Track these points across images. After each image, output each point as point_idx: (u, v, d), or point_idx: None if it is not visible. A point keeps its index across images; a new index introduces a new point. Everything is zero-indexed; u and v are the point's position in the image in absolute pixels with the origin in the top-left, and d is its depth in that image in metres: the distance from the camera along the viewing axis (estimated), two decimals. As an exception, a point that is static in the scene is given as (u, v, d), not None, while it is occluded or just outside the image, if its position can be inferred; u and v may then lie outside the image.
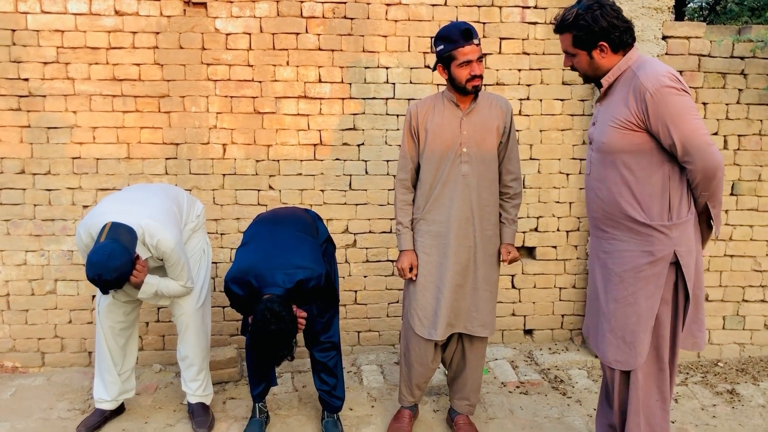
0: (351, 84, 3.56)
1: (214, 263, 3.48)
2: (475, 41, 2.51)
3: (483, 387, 3.23)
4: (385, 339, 3.81)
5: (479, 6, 3.57)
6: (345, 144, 3.61)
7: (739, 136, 3.61)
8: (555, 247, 3.81)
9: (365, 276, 3.74)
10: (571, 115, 3.70)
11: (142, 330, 3.57)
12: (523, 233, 3.76)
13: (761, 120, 3.60)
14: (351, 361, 3.67)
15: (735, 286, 3.72)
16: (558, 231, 3.79)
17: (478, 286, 2.69)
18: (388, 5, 3.52)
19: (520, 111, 3.66)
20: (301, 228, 2.75)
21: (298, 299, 2.52)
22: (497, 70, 3.63)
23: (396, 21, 3.54)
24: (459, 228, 2.64)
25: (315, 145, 3.60)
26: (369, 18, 3.52)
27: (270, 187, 3.61)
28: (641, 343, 2.19)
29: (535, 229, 3.78)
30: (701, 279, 2.23)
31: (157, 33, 3.42)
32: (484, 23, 3.58)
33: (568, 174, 3.75)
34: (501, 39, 3.61)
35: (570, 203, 3.78)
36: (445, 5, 3.55)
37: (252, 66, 3.49)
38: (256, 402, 2.92)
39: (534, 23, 3.61)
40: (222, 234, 3.61)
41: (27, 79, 3.38)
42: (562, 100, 3.69)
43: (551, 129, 3.71)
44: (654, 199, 2.13)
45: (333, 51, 3.53)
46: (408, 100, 3.59)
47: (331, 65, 3.54)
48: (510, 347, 3.85)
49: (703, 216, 2.22)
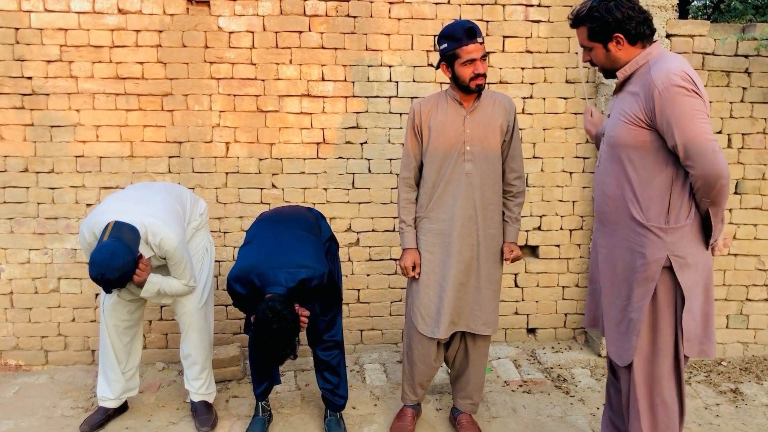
0: (354, 82, 3.56)
1: (216, 262, 3.48)
2: (479, 40, 2.50)
3: (486, 386, 3.22)
4: (388, 337, 3.81)
5: (482, 4, 3.56)
6: (348, 142, 3.61)
7: (743, 134, 3.60)
8: (558, 246, 3.80)
9: (368, 274, 3.74)
10: (575, 114, 3.69)
11: (145, 328, 3.57)
12: (526, 232, 3.76)
13: (765, 118, 3.59)
14: (354, 360, 3.67)
15: (739, 285, 3.71)
16: (561, 230, 3.79)
17: (481, 284, 2.69)
18: (391, 3, 3.51)
19: (523, 109, 3.65)
20: (304, 227, 2.75)
21: (300, 298, 2.51)
22: (500, 68, 3.62)
23: (399, 19, 3.53)
24: (462, 226, 2.63)
25: (318, 144, 3.60)
26: (372, 16, 3.51)
27: (273, 186, 3.61)
28: (633, 340, 2.15)
29: (539, 228, 3.77)
30: (711, 294, 2.14)
31: (160, 31, 3.42)
32: (487, 21, 3.57)
33: (571, 172, 3.75)
34: (504, 37, 3.60)
35: (573, 202, 3.77)
36: (449, 3, 3.54)
37: (255, 64, 3.49)
38: (258, 400, 2.92)
39: (537, 21, 3.60)
40: (225, 232, 3.61)
41: (30, 78, 3.38)
42: (565, 98, 3.68)
43: (554, 127, 3.70)
44: (654, 200, 2.08)
45: (336, 49, 3.52)
46: (411, 98, 3.58)
47: (334, 63, 3.53)
48: (513, 346, 3.84)
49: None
